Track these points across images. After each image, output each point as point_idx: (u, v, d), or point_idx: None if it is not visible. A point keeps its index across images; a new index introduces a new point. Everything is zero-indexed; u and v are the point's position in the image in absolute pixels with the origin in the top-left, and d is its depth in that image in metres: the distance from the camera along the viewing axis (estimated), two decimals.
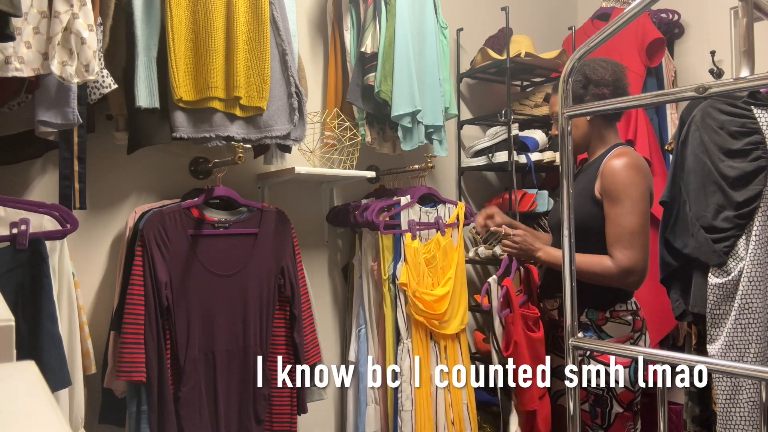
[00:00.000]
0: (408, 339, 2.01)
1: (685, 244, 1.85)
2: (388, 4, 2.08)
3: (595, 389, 1.71)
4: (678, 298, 1.91)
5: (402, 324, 2.01)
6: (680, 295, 1.91)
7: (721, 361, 1.46)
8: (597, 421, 1.72)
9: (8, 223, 1.36)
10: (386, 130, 2.20)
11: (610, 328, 1.73)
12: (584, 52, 1.16)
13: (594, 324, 1.74)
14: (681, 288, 1.91)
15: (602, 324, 1.74)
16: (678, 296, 1.91)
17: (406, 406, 1.97)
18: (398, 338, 2.02)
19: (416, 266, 2.03)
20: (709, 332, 1.71)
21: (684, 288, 1.89)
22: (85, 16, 1.33)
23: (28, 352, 1.30)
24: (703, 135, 1.81)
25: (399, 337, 2.02)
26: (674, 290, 1.93)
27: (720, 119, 1.70)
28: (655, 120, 2.63)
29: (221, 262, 1.73)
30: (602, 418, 1.72)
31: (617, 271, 1.64)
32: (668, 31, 2.78)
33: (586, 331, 1.75)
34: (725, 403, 1.68)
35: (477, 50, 2.63)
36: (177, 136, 1.64)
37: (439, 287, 2.09)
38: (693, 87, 1.02)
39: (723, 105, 1.69)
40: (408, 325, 2.02)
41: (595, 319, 1.74)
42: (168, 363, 1.62)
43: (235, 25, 1.68)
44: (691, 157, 1.85)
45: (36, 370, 0.52)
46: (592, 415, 1.73)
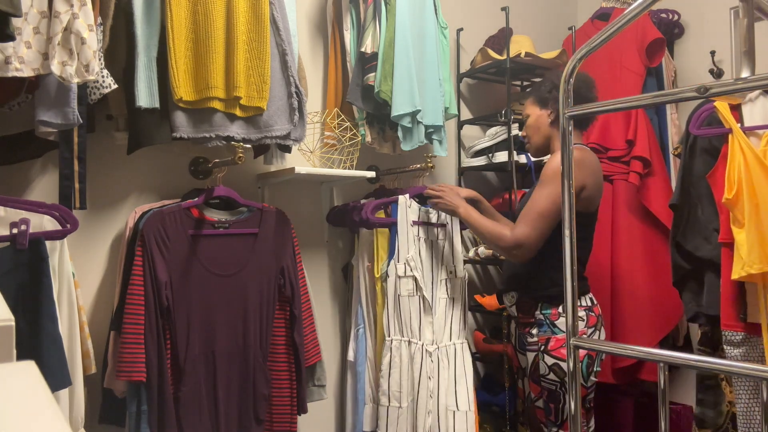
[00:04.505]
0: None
1: (697, 247, 1.85)
2: (388, 4, 2.08)
3: (549, 384, 1.74)
4: (691, 300, 1.92)
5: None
6: (693, 297, 1.91)
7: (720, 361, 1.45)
8: (551, 417, 1.74)
9: (8, 223, 1.36)
10: (386, 130, 2.20)
11: (563, 323, 1.74)
12: (585, 52, 1.15)
13: (547, 320, 1.77)
14: (693, 290, 1.91)
15: (555, 319, 1.76)
16: (690, 299, 1.92)
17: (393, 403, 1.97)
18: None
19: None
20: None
21: (696, 290, 1.90)
22: (85, 16, 1.33)
23: (28, 352, 1.30)
24: (713, 139, 1.81)
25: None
26: (687, 292, 1.93)
27: None
28: (655, 120, 2.63)
29: (221, 262, 1.73)
30: (555, 415, 1.74)
31: (510, 240, 1.72)
32: (668, 31, 2.78)
33: (540, 327, 1.77)
34: (747, 404, 1.68)
35: (477, 50, 2.63)
36: (177, 136, 1.64)
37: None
38: (693, 87, 1.02)
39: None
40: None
41: (549, 315, 1.76)
42: (168, 363, 1.62)
43: (235, 25, 1.68)
44: (700, 161, 1.85)
45: (36, 370, 0.52)
46: (546, 412, 1.76)
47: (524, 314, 1.81)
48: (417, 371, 1.99)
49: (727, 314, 1.73)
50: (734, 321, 1.71)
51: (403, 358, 1.97)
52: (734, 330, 1.71)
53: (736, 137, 1.68)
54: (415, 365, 1.99)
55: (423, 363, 2.00)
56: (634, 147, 2.47)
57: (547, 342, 1.75)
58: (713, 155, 1.81)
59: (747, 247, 1.60)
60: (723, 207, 1.71)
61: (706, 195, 1.83)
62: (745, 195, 1.62)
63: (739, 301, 1.70)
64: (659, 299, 2.40)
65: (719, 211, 1.76)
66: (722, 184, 1.69)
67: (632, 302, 2.43)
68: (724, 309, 1.74)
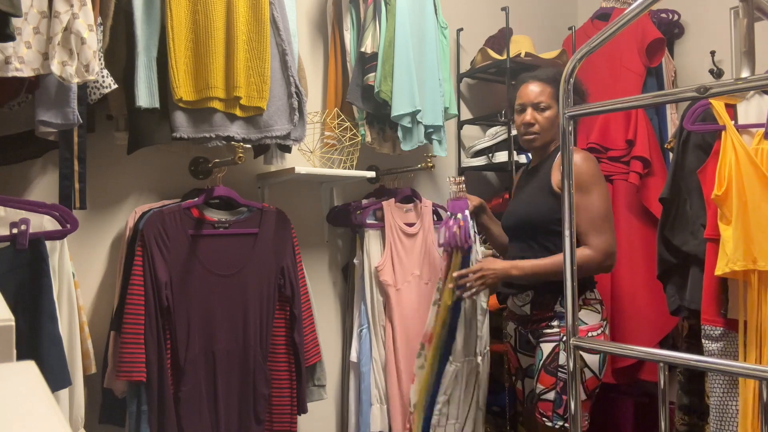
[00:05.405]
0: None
1: (684, 242, 1.86)
2: (388, 4, 2.08)
3: (564, 374, 1.71)
4: (674, 293, 1.93)
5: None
6: (676, 291, 1.93)
7: (720, 361, 1.46)
8: (559, 410, 1.72)
9: (8, 223, 1.36)
10: (386, 130, 2.20)
11: (583, 315, 1.75)
12: (585, 52, 1.15)
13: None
14: (677, 284, 1.92)
15: (577, 311, 1.75)
16: (674, 292, 1.93)
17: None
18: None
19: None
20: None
21: (680, 284, 1.91)
22: (85, 16, 1.33)
23: (28, 352, 1.30)
24: (706, 135, 1.81)
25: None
26: (670, 286, 1.95)
27: None
28: (655, 120, 2.63)
29: (221, 262, 1.73)
30: (565, 407, 1.71)
31: (599, 256, 1.68)
32: (668, 31, 2.78)
33: (561, 319, 1.75)
34: (722, 397, 1.69)
35: (477, 50, 2.63)
36: (177, 136, 1.64)
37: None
38: (693, 87, 1.02)
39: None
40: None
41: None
42: (168, 363, 1.62)
43: (235, 25, 1.68)
44: (693, 157, 1.86)
45: (36, 370, 0.52)
46: (555, 404, 1.73)
47: (541, 310, 1.79)
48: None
49: (708, 309, 1.74)
50: (715, 316, 1.72)
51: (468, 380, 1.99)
52: (714, 325, 1.72)
53: (729, 134, 1.68)
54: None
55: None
56: (634, 147, 2.47)
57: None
58: (706, 151, 1.82)
59: (732, 244, 1.60)
60: (711, 203, 1.71)
61: (695, 190, 1.83)
62: (735, 192, 1.63)
63: (721, 296, 1.72)
64: (659, 299, 2.39)
65: (707, 206, 1.77)
66: (712, 180, 1.69)
67: (632, 302, 2.44)
68: (706, 304, 1.75)
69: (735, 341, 1.68)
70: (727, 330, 1.70)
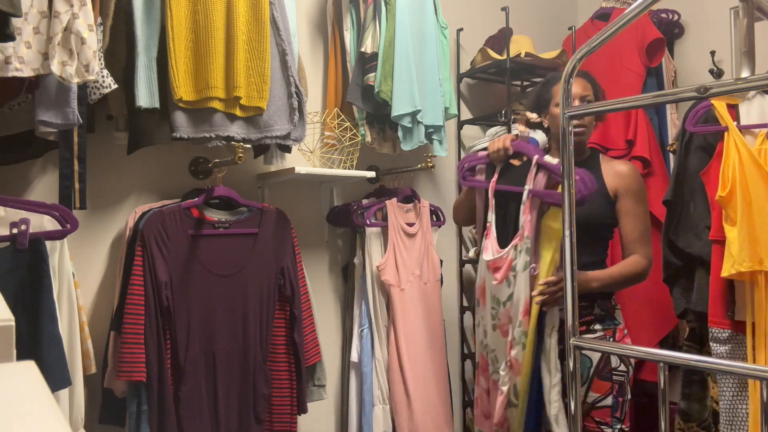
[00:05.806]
0: None
1: (689, 244, 1.85)
2: (388, 4, 2.08)
3: (619, 376, 1.67)
4: (680, 296, 1.92)
5: None
6: (682, 293, 1.92)
7: (719, 361, 1.46)
8: (617, 414, 1.65)
9: (8, 223, 1.36)
10: (386, 130, 2.20)
11: (617, 315, 1.75)
12: (585, 52, 1.16)
13: (608, 313, 1.73)
14: (683, 287, 1.92)
15: (613, 312, 1.75)
16: (680, 295, 1.92)
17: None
18: None
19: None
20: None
21: (686, 287, 1.90)
22: (85, 16, 1.33)
23: (28, 352, 1.30)
24: (708, 136, 1.81)
25: None
26: (676, 289, 1.94)
27: None
28: (655, 120, 2.63)
29: (221, 262, 1.73)
30: (621, 410, 1.67)
31: (648, 265, 1.70)
32: (668, 31, 2.78)
33: (602, 321, 1.71)
34: (731, 400, 1.68)
35: (477, 50, 2.63)
36: (177, 136, 1.64)
37: None
38: (693, 87, 1.02)
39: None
40: None
41: (607, 309, 1.73)
42: (168, 363, 1.62)
43: (235, 25, 1.68)
44: (695, 158, 1.86)
45: (36, 370, 0.52)
46: (613, 409, 1.65)
47: (582, 315, 1.71)
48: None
49: (715, 311, 1.74)
50: (722, 318, 1.72)
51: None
52: (721, 327, 1.72)
53: (732, 135, 1.68)
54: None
55: None
56: (634, 147, 2.47)
57: (613, 333, 1.71)
58: (708, 152, 1.82)
59: (738, 245, 1.60)
60: (715, 204, 1.71)
61: (699, 192, 1.83)
62: (739, 193, 1.62)
63: (728, 298, 1.72)
64: (659, 299, 2.39)
65: (711, 208, 1.77)
66: (716, 182, 1.69)
67: (632, 302, 2.43)
68: (713, 306, 1.75)
69: (743, 343, 1.68)
70: (734, 332, 1.70)
